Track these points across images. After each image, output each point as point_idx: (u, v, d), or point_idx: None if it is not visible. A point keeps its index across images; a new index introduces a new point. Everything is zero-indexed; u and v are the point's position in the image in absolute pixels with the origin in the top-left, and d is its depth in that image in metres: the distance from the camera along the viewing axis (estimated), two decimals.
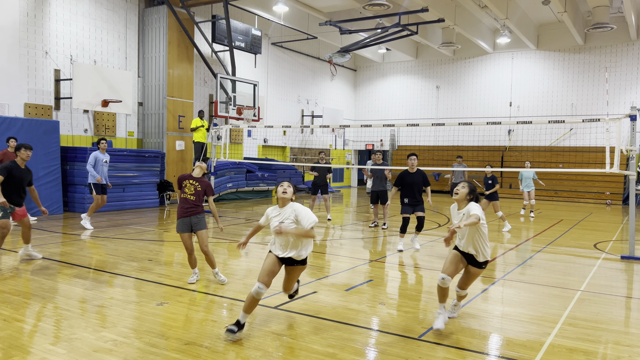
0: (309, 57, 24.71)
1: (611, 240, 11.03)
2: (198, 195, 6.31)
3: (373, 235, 11.22)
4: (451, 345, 4.59)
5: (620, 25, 20.57)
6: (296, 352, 4.37)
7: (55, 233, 10.35)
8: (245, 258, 8.47)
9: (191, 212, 6.32)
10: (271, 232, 4.75)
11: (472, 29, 21.23)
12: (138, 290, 6.22)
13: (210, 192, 6.46)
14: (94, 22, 14.96)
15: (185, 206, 6.31)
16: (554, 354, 4.46)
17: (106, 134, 15.41)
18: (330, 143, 26.65)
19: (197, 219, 6.36)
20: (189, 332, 4.78)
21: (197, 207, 6.33)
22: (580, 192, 21.78)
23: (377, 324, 5.21)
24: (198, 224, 6.36)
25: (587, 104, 22.69)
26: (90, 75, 13.53)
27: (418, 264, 8.25)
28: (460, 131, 25.03)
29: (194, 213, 6.33)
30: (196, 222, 6.36)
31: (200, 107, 18.29)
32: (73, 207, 13.63)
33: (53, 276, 6.79)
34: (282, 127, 16.11)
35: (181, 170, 16.57)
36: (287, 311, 5.46)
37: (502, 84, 24.52)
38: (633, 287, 7.29)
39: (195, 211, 6.33)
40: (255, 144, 21.88)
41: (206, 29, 17.95)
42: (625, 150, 9.93)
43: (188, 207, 6.31)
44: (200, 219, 6.37)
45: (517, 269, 7.95)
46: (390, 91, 27.65)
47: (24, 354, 4.20)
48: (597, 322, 5.34)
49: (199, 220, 6.37)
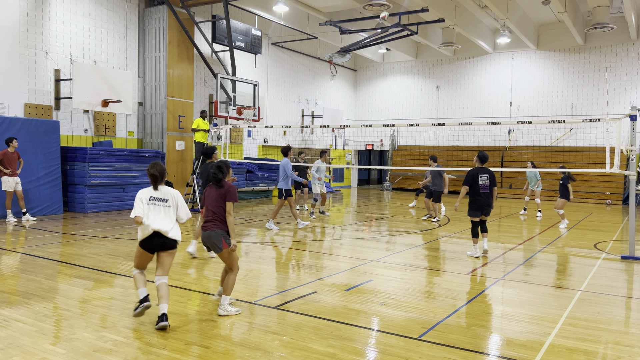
0: (309, 57, 24.71)
1: (611, 240, 11.03)
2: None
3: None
4: (451, 345, 4.59)
5: (620, 25, 20.57)
6: (296, 352, 4.37)
7: (55, 233, 10.35)
8: (245, 258, 8.47)
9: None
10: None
11: (472, 29, 21.23)
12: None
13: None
14: (94, 22, 14.96)
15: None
16: (554, 354, 4.46)
17: (106, 134, 15.42)
18: (330, 143, 26.65)
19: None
20: (189, 332, 4.78)
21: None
22: (580, 192, 21.76)
23: (377, 324, 5.21)
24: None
25: (587, 104, 22.69)
26: (90, 75, 13.53)
27: (418, 263, 8.25)
28: (460, 131, 25.03)
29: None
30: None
31: (201, 107, 18.29)
32: (73, 207, 13.63)
33: (53, 276, 6.78)
34: (282, 127, 16.09)
35: (181, 170, 16.57)
36: (287, 311, 5.46)
37: (502, 84, 24.51)
38: (633, 287, 7.28)
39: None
40: (255, 144, 21.88)
41: (206, 29, 17.95)
42: (626, 150, 9.94)
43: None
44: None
45: (517, 269, 7.95)
46: (390, 91, 27.65)
47: (24, 354, 4.20)
48: (597, 322, 5.34)
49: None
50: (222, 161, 5.65)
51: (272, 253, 8.96)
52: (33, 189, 12.48)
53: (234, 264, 5.39)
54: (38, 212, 12.53)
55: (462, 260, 8.63)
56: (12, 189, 11.54)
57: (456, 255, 8.97)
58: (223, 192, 5.39)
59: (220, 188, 5.43)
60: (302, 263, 8.23)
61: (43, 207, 12.71)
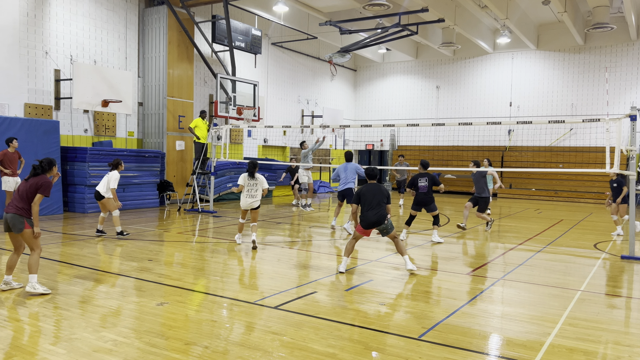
0: (309, 57, 24.71)
1: (611, 240, 11.03)
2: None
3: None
4: (451, 345, 4.59)
5: (620, 25, 20.57)
6: (296, 352, 4.37)
7: (55, 233, 10.35)
8: (245, 258, 8.47)
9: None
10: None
11: (472, 29, 21.23)
12: (138, 290, 6.22)
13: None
14: (94, 22, 14.96)
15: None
16: (554, 354, 4.46)
17: (106, 134, 15.42)
18: (331, 143, 26.65)
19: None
20: (189, 332, 4.78)
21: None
22: (580, 192, 21.78)
23: (377, 324, 5.21)
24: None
25: (587, 104, 22.69)
26: (90, 75, 13.52)
27: (418, 264, 8.24)
28: (460, 131, 25.03)
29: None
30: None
31: (201, 107, 18.29)
32: (73, 207, 13.63)
33: (53, 276, 6.78)
34: (282, 127, 16.11)
35: (181, 170, 16.58)
36: (287, 311, 5.46)
37: (502, 84, 24.51)
38: (633, 287, 7.29)
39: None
40: (255, 144, 21.88)
41: (206, 29, 17.95)
42: (625, 150, 9.93)
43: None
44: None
45: (517, 269, 7.95)
46: (390, 91, 27.65)
47: (24, 354, 4.20)
48: (597, 322, 5.34)
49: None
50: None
51: (272, 253, 8.96)
52: None
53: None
54: (39, 213, 12.51)
55: (462, 260, 8.63)
56: (12, 189, 11.52)
57: (456, 255, 8.98)
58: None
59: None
60: (302, 263, 8.23)
61: (43, 207, 12.68)
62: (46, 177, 5.87)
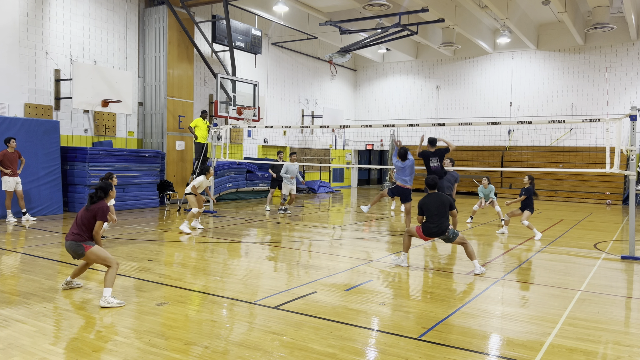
0: (309, 57, 24.71)
1: (611, 240, 11.03)
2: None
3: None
4: (451, 345, 4.59)
5: (620, 25, 20.56)
6: (296, 352, 4.37)
7: (55, 233, 10.35)
8: (245, 258, 8.47)
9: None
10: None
11: (472, 29, 21.23)
12: (138, 290, 6.22)
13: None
14: (94, 22, 14.96)
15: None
16: (554, 354, 4.46)
17: (106, 134, 15.42)
18: (330, 143, 26.65)
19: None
20: (189, 332, 4.78)
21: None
22: (580, 192, 21.78)
23: (377, 324, 5.21)
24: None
25: (587, 104, 22.69)
26: (90, 75, 13.52)
27: (418, 264, 8.25)
28: (460, 131, 25.01)
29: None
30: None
31: (201, 107, 18.29)
32: (73, 207, 13.62)
33: (53, 276, 6.79)
34: (282, 127, 16.09)
35: (181, 170, 16.57)
36: (287, 311, 5.46)
37: (502, 84, 24.51)
38: (633, 287, 7.29)
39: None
40: (255, 144, 21.88)
41: (206, 29, 17.95)
42: (625, 150, 9.93)
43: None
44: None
45: (517, 269, 7.95)
46: (390, 91, 27.64)
47: (24, 354, 4.20)
48: (597, 322, 5.34)
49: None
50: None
51: (272, 253, 8.96)
52: (33, 189, 12.48)
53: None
54: (38, 212, 12.53)
55: (462, 260, 8.63)
56: (12, 189, 11.53)
57: (456, 255, 8.98)
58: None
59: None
60: (302, 263, 8.23)
61: (43, 207, 12.71)
62: (104, 203, 5.89)
